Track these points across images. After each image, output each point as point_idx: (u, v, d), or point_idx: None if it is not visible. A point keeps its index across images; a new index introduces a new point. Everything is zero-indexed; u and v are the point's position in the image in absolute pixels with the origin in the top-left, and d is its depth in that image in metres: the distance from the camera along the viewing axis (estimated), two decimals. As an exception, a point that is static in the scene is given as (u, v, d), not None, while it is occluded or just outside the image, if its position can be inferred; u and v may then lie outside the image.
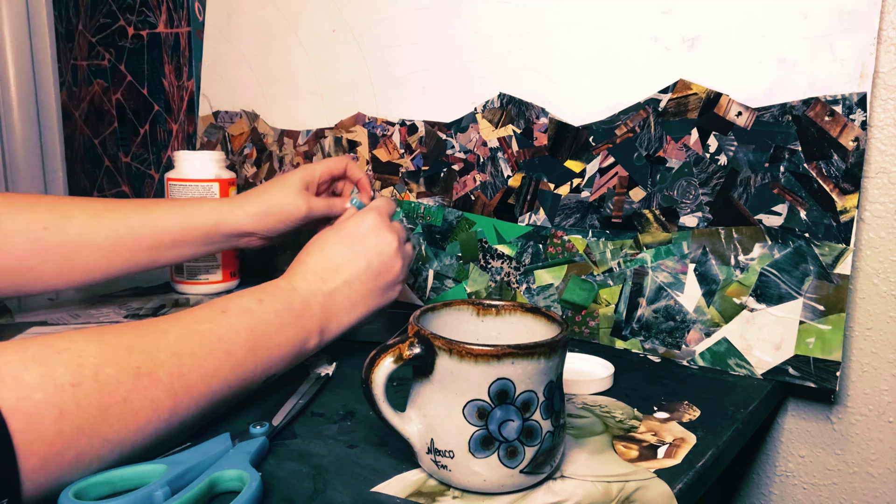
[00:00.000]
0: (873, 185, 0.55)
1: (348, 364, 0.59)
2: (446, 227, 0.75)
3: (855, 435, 0.58)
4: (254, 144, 0.95)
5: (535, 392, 0.37)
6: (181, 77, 1.09)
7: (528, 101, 0.69)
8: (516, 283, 0.70)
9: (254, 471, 0.38)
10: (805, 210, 0.55)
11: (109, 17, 1.20)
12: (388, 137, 0.80)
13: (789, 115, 0.55)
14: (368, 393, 0.39)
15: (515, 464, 0.37)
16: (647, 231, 0.62)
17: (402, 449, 0.43)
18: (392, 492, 0.39)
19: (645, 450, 0.44)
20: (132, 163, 1.22)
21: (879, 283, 0.55)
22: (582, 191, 0.66)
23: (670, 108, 0.61)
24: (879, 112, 0.54)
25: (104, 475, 0.37)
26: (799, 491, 0.62)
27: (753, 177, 0.57)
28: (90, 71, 1.27)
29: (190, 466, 0.38)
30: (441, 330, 0.44)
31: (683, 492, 0.40)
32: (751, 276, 0.57)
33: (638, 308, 0.63)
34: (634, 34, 0.62)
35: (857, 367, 0.57)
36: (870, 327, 0.56)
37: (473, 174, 0.73)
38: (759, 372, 0.57)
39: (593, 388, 0.53)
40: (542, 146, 0.68)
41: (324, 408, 0.50)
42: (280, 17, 0.90)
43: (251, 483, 0.36)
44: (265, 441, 0.42)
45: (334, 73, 0.84)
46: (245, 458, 0.40)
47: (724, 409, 0.50)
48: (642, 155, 0.62)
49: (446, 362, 0.37)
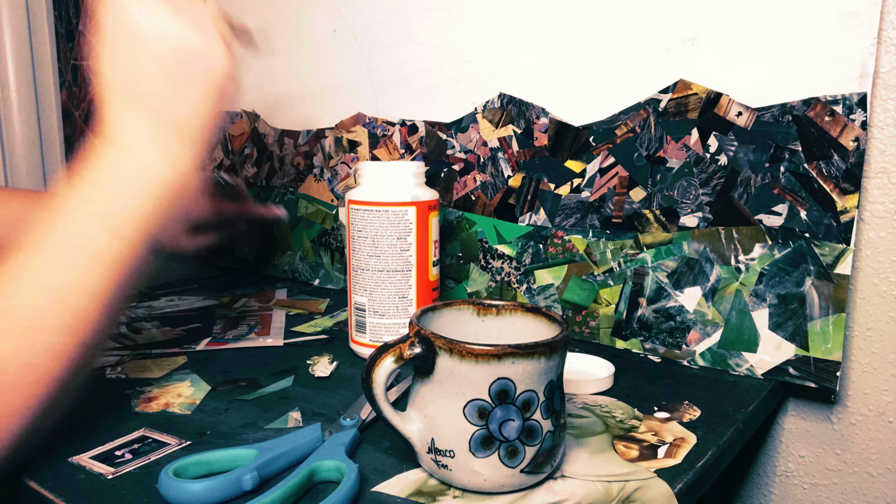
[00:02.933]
0: (873, 185, 0.55)
1: (348, 364, 0.59)
2: (447, 227, 0.75)
3: (855, 435, 0.58)
4: (254, 144, 0.95)
5: (535, 392, 0.37)
6: (181, 77, 1.08)
7: (529, 101, 0.69)
8: (517, 283, 0.70)
9: (351, 462, 0.39)
10: (805, 210, 0.55)
11: (109, 17, 1.20)
12: (389, 137, 0.80)
13: (789, 115, 0.55)
14: (369, 392, 0.39)
15: (516, 463, 0.37)
16: (647, 231, 0.62)
17: (402, 448, 0.43)
18: (392, 491, 0.39)
19: (645, 450, 0.44)
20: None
21: (879, 283, 0.55)
22: (582, 191, 0.66)
23: (670, 108, 0.61)
24: (879, 112, 0.54)
25: (201, 456, 0.39)
26: (799, 491, 0.62)
27: (753, 177, 0.57)
28: (90, 71, 1.26)
29: (280, 453, 0.40)
30: (441, 330, 0.44)
31: (683, 492, 0.40)
32: (751, 276, 0.57)
33: (638, 308, 0.63)
34: (634, 34, 0.62)
35: (857, 367, 0.57)
36: (870, 327, 0.56)
37: (474, 174, 0.73)
38: (759, 372, 0.57)
39: (594, 388, 0.53)
40: (543, 146, 0.68)
41: (324, 408, 0.50)
42: (280, 17, 0.90)
43: (350, 474, 0.37)
44: (357, 433, 0.43)
45: (334, 73, 0.84)
46: (340, 449, 0.41)
47: (724, 409, 0.50)
48: (642, 155, 0.62)
49: (447, 362, 0.37)
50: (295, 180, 0.90)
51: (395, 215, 0.56)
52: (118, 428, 0.46)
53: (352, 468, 0.38)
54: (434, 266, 0.59)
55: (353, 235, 0.58)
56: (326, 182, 0.87)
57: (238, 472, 0.37)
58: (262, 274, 0.95)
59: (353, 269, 0.59)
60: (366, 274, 0.58)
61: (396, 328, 0.58)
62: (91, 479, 0.40)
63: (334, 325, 0.71)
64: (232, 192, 0.80)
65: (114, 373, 0.57)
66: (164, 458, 0.42)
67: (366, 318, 0.58)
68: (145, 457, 0.42)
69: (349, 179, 0.85)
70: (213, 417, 0.48)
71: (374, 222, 0.57)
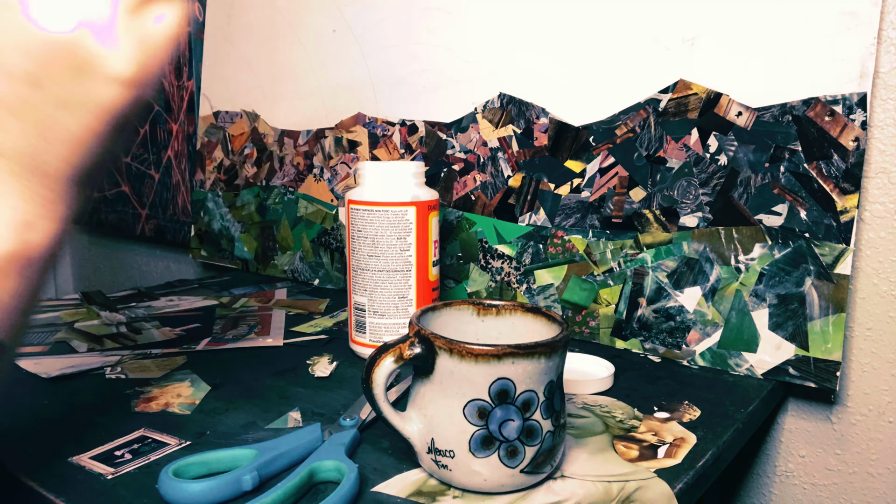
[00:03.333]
0: (873, 185, 0.55)
1: (348, 364, 0.59)
2: (447, 227, 0.75)
3: (855, 435, 0.58)
4: (254, 144, 0.95)
5: (535, 392, 0.37)
6: (181, 77, 1.08)
7: (529, 101, 0.69)
8: (516, 283, 0.70)
9: (351, 462, 0.39)
10: (805, 210, 0.55)
11: (109, 17, 1.20)
12: (389, 137, 0.80)
13: (789, 115, 0.55)
14: (369, 392, 0.39)
15: (516, 463, 0.37)
16: (647, 231, 0.62)
17: (402, 448, 0.43)
18: (392, 491, 0.39)
19: (645, 449, 0.44)
20: (132, 163, 1.21)
21: (879, 283, 0.55)
22: (582, 191, 0.66)
23: (670, 108, 0.61)
24: (879, 112, 0.54)
25: (200, 456, 0.39)
26: (799, 491, 0.62)
27: (753, 177, 0.57)
28: None
29: (280, 453, 0.40)
30: (441, 330, 0.44)
31: (683, 492, 0.40)
32: (751, 276, 0.57)
33: (638, 308, 0.63)
34: (634, 34, 0.62)
35: (857, 367, 0.57)
36: (870, 327, 0.56)
37: (474, 174, 0.73)
38: (759, 372, 0.57)
39: (593, 388, 0.53)
40: (543, 146, 0.68)
41: (324, 408, 0.50)
42: (280, 17, 0.90)
43: (350, 474, 0.38)
44: (357, 433, 0.44)
45: (334, 73, 0.84)
46: (340, 449, 0.41)
47: (724, 409, 0.50)
48: (642, 155, 0.62)
49: (447, 362, 0.37)
50: (295, 180, 0.90)
51: (395, 215, 0.56)
52: (118, 428, 0.46)
53: (351, 468, 0.38)
54: (434, 266, 0.59)
55: (353, 235, 0.58)
56: (326, 182, 0.87)
57: (238, 472, 0.38)
58: (262, 274, 0.95)
59: (353, 269, 0.59)
60: (366, 274, 0.58)
61: (396, 328, 0.58)
62: (91, 479, 0.40)
63: (334, 325, 0.71)
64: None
65: (114, 373, 0.57)
66: (163, 458, 0.42)
67: (366, 318, 0.58)
68: (145, 457, 0.42)
69: (349, 179, 0.85)
70: (212, 417, 0.48)
71: (374, 222, 0.57)
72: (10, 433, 0.46)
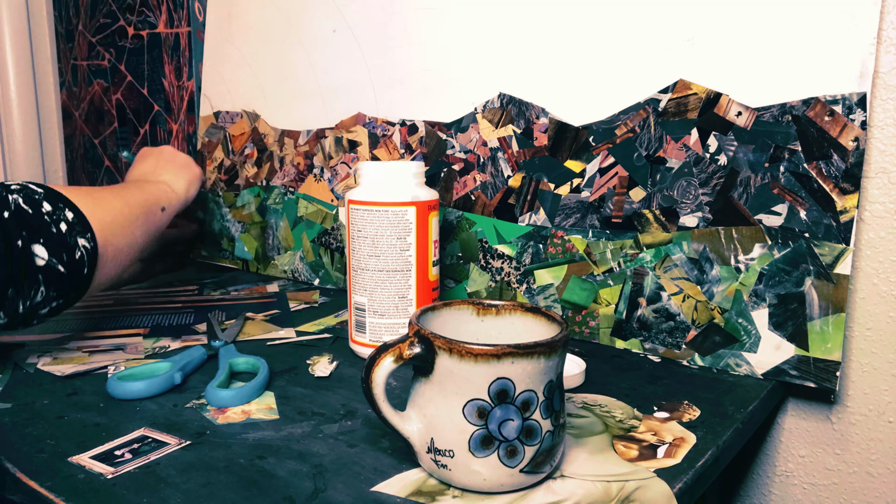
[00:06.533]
0: (873, 185, 0.55)
1: (348, 364, 0.59)
2: (447, 227, 0.75)
3: (855, 435, 0.58)
4: (254, 144, 0.95)
5: (534, 392, 0.37)
6: (181, 77, 1.09)
7: (528, 101, 0.69)
8: (516, 283, 0.70)
9: (260, 357, 0.56)
10: (805, 210, 0.55)
11: (109, 17, 1.20)
12: (389, 137, 0.80)
13: (789, 115, 0.55)
14: (368, 392, 0.39)
15: (515, 463, 0.37)
16: (647, 231, 0.62)
17: (402, 448, 0.43)
18: (392, 491, 0.39)
19: (645, 449, 0.44)
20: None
21: (879, 283, 0.55)
22: (582, 191, 0.66)
23: (670, 108, 0.61)
24: (879, 112, 0.54)
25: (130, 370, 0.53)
26: (799, 491, 0.62)
27: (753, 177, 0.57)
28: (90, 71, 1.27)
29: (186, 362, 0.55)
30: (441, 329, 0.44)
31: (683, 491, 0.40)
32: (751, 276, 0.57)
33: (638, 308, 0.63)
34: (634, 34, 0.62)
35: (857, 367, 0.57)
36: (870, 327, 0.56)
37: (474, 174, 0.73)
38: (759, 372, 0.57)
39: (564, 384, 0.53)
40: (543, 146, 0.68)
41: (324, 407, 0.50)
42: (280, 17, 0.90)
43: (263, 364, 0.55)
44: (232, 345, 0.61)
45: (334, 73, 0.85)
46: (235, 352, 0.59)
47: (724, 409, 0.50)
48: (642, 155, 0.62)
49: (446, 362, 0.37)
50: (295, 180, 0.90)
51: (395, 215, 0.56)
52: (118, 428, 0.46)
53: (261, 360, 0.55)
54: (434, 266, 0.59)
55: (353, 235, 0.58)
56: (326, 182, 0.87)
57: (168, 372, 0.52)
58: (262, 274, 0.95)
59: (353, 269, 0.59)
60: (366, 274, 0.58)
61: (396, 328, 0.58)
62: (91, 478, 0.40)
63: (337, 324, 0.71)
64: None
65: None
66: (164, 458, 0.42)
67: (365, 318, 0.58)
68: (145, 456, 0.42)
69: (349, 179, 0.85)
70: (212, 417, 0.48)
71: (374, 222, 0.57)
72: (10, 433, 0.46)
